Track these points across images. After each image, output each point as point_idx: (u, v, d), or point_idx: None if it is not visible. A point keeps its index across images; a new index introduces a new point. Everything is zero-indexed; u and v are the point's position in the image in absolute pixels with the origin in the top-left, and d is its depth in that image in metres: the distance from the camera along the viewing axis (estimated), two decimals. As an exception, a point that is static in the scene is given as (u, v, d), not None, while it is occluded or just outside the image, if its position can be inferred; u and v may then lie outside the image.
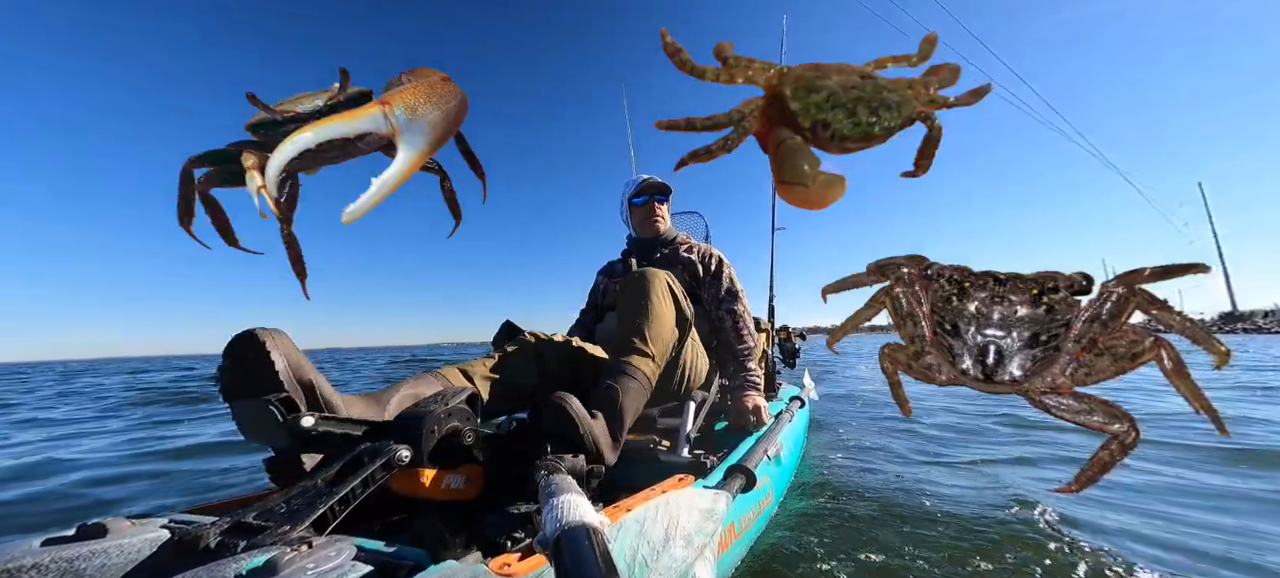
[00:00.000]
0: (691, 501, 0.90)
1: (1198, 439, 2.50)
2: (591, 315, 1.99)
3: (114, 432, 3.93)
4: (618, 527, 0.76)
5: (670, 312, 1.31)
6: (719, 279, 1.82)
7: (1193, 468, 2.13)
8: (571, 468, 0.90)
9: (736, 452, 1.38)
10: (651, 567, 0.77)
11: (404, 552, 0.65)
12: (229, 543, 0.62)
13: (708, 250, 1.90)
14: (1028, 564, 1.36)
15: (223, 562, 0.54)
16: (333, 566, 0.57)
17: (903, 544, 1.48)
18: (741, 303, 1.81)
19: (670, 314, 1.31)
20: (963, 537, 1.51)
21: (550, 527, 0.57)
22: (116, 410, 5.40)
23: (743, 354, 1.72)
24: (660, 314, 1.27)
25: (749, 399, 1.62)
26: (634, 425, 1.36)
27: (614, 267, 2.05)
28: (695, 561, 0.84)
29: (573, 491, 0.65)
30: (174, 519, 0.77)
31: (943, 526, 1.60)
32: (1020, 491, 1.88)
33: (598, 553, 0.53)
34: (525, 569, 0.66)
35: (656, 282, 1.31)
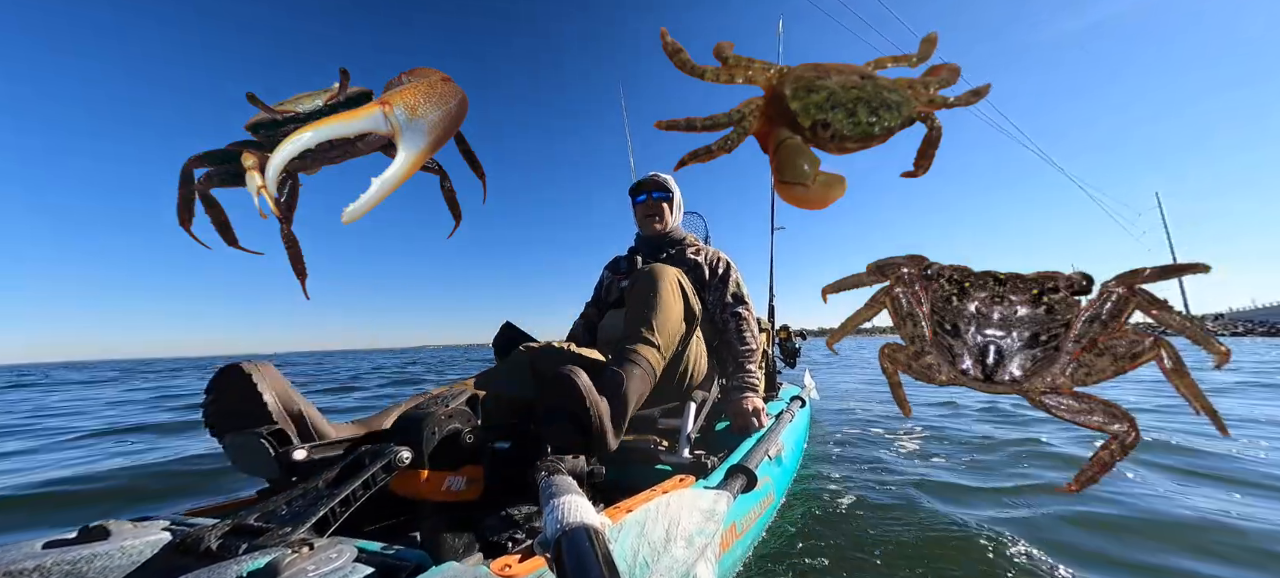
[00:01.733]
0: (692, 501, 0.90)
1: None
2: (596, 311, 1.99)
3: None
4: (619, 528, 0.76)
5: (678, 306, 1.34)
6: (726, 284, 1.82)
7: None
8: (572, 469, 0.90)
9: (737, 452, 1.38)
10: (652, 567, 0.77)
11: (405, 554, 0.65)
12: (230, 545, 0.62)
13: (716, 254, 1.90)
14: (1029, 563, 1.36)
15: (224, 564, 0.54)
16: (334, 568, 0.57)
17: (903, 544, 1.48)
18: (747, 307, 1.81)
19: (678, 308, 1.34)
20: (963, 536, 1.51)
21: (551, 528, 0.57)
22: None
23: (744, 356, 1.72)
24: (668, 306, 1.30)
25: (749, 401, 1.63)
26: (635, 426, 1.36)
27: (619, 262, 2.05)
28: (696, 561, 0.84)
29: (573, 492, 0.65)
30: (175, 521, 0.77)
31: (943, 525, 1.60)
32: (1021, 490, 1.88)
33: (599, 554, 0.53)
34: (526, 571, 0.66)
35: (667, 276, 1.34)
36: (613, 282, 1.98)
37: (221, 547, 0.63)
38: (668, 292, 1.32)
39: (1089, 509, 1.66)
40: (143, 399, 6.78)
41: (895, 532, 1.56)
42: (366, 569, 0.59)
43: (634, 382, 1.17)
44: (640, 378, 1.19)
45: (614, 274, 2.01)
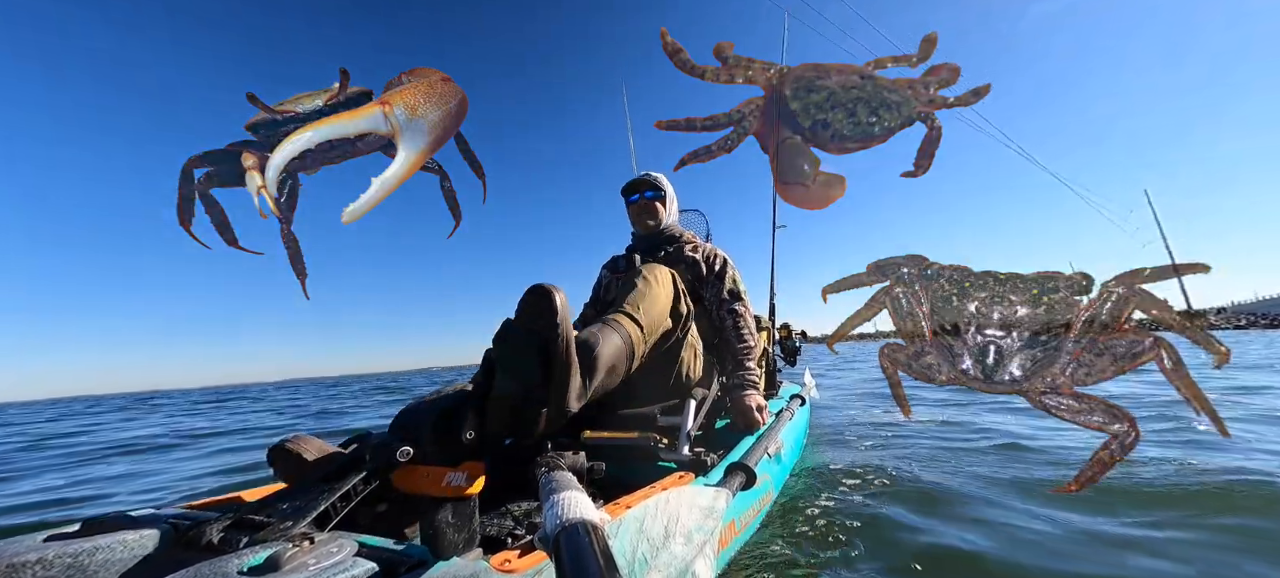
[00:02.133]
0: (692, 498, 0.90)
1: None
2: (594, 311, 1.99)
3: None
4: (618, 524, 0.77)
5: (667, 296, 1.31)
6: (722, 280, 1.82)
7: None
8: (571, 465, 0.90)
9: (737, 450, 1.39)
10: (651, 564, 0.78)
11: (405, 549, 0.66)
12: (231, 539, 0.63)
13: (713, 251, 1.90)
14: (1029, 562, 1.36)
15: (225, 558, 0.55)
16: (334, 562, 0.57)
17: (903, 542, 1.48)
18: (743, 304, 1.81)
19: (666, 298, 1.31)
20: (963, 536, 1.51)
21: (551, 524, 0.57)
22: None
23: (743, 354, 1.72)
24: (655, 295, 1.27)
25: (749, 399, 1.63)
26: (634, 423, 1.36)
27: (617, 261, 2.04)
28: (695, 558, 0.84)
29: (573, 488, 0.65)
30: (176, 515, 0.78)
31: (944, 525, 1.60)
32: (1021, 489, 1.88)
33: (598, 550, 0.53)
34: (526, 566, 0.66)
35: (659, 270, 1.32)
36: (611, 281, 1.97)
37: (223, 540, 0.63)
38: (656, 282, 1.29)
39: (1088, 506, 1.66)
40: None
41: (895, 531, 1.56)
42: (367, 564, 0.60)
43: (608, 344, 1.08)
44: (616, 346, 1.10)
45: (612, 273, 2.00)
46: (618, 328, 1.13)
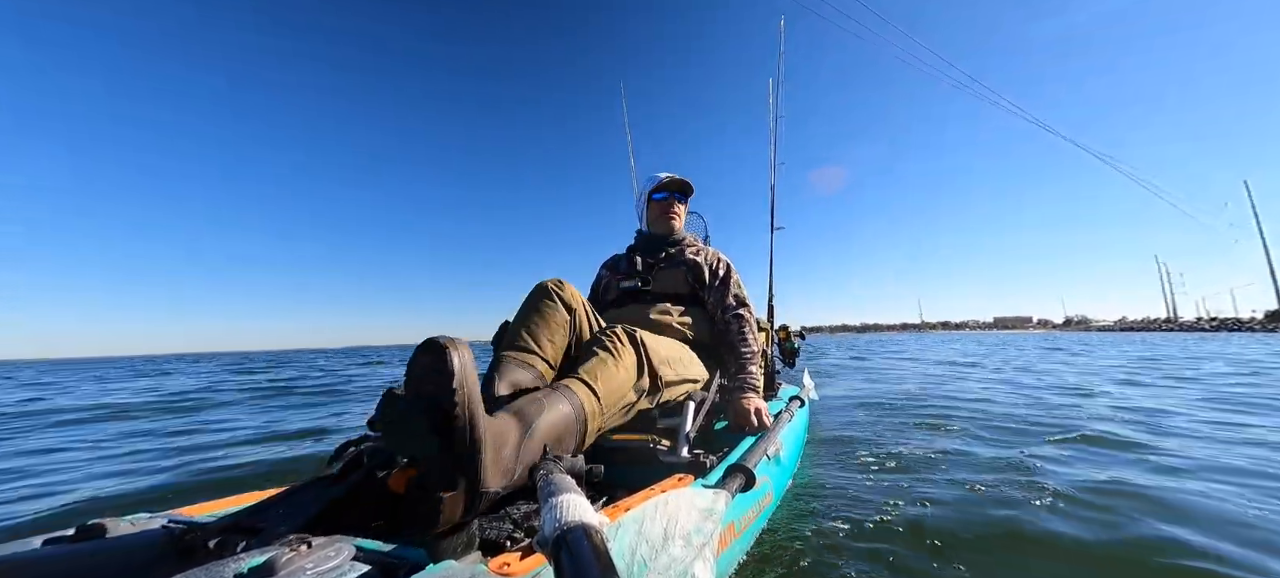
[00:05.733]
0: (691, 500, 0.90)
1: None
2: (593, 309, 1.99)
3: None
4: (616, 526, 0.77)
5: (628, 376, 1.20)
6: (727, 286, 1.83)
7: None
8: (570, 468, 0.90)
9: (736, 451, 1.39)
10: (650, 566, 0.77)
11: (403, 552, 0.65)
12: (228, 543, 0.63)
13: (716, 255, 1.90)
14: (1030, 562, 1.36)
15: (222, 562, 0.55)
16: (332, 566, 0.57)
17: (903, 542, 1.48)
18: (747, 309, 1.82)
19: (627, 378, 1.20)
20: (964, 536, 1.51)
21: (549, 526, 0.57)
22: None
23: (746, 358, 1.73)
24: (612, 373, 1.16)
25: (749, 401, 1.63)
26: (634, 425, 1.36)
27: (618, 261, 2.03)
28: (694, 560, 0.84)
29: (572, 490, 0.65)
30: (173, 519, 0.78)
31: (944, 524, 1.60)
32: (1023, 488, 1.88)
33: (596, 552, 0.53)
34: (524, 569, 0.66)
35: (624, 345, 1.22)
36: (610, 281, 1.96)
37: (219, 544, 0.63)
38: (618, 358, 1.19)
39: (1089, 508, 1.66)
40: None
41: (894, 530, 1.56)
42: (364, 567, 0.60)
43: (553, 412, 0.93)
44: (564, 415, 0.96)
45: (612, 273, 1.99)
46: (568, 395, 1.00)
